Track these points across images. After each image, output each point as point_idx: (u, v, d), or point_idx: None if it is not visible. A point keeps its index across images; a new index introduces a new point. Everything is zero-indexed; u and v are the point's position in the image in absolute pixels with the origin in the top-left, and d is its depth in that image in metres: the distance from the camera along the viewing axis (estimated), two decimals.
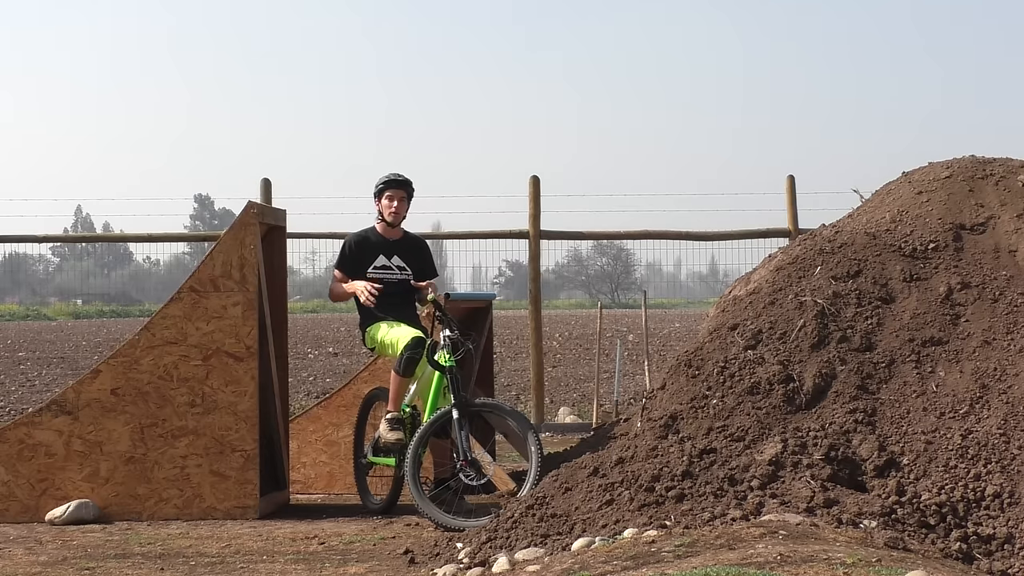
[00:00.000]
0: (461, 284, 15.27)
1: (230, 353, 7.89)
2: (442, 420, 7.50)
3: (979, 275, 7.35)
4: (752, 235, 13.33)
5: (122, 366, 7.92)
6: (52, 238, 14.41)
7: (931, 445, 6.40)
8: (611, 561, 5.10)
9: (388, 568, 6.25)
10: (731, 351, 7.07)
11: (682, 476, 6.23)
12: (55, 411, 7.91)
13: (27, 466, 7.89)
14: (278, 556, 6.64)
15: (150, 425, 7.88)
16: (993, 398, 6.62)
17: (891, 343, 7.00)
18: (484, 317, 9.51)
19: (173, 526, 7.63)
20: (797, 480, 6.16)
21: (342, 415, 8.87)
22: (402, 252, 8.17)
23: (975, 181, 7.95)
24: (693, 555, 5.02)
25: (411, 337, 7.70)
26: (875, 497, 6.07)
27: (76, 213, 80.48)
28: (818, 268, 7.46)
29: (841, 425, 6.54)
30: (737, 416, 6.66)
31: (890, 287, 7.32)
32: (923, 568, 4.75)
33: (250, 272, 7.93)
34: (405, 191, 8.18)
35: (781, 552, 4.90)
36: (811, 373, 6.83)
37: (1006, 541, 5.92)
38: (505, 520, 6.34)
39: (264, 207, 8.50)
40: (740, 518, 5.72)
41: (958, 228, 7.66)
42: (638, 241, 14.18)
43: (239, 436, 7.85)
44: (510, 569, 5.49)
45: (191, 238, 18.52)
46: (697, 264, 16.85)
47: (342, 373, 19.83)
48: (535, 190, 12.85)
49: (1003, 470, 6.21)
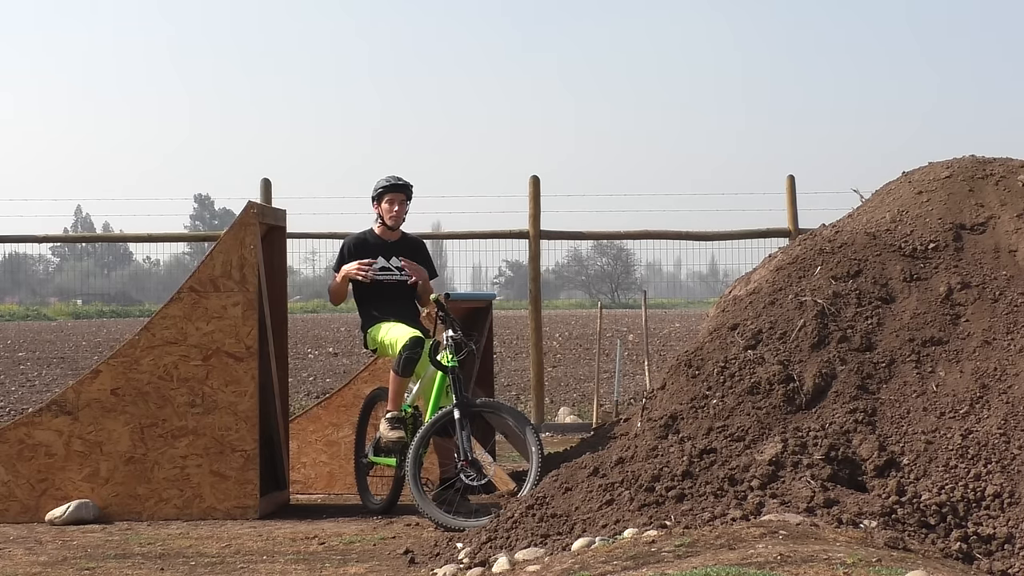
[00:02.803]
0: (461, 284, 15.28)
1: (230, 353, 7.89)
2: (444, 420, 7.50)
3: (979, 275, 7.35)
4: (752, 235, 13.33)
5: (122, 366, 7.92)
6: (52, 238, 14.40)
7: (931, 445, 6.40)
8: (611, 561, 5.11)
9: (388, 568, 6.25)
10: (731, 351, 7.07)
11: (682, 476, 6.23)
12: (55, 411, 7.91)
13: (27, 466, 7.89)
14: (278, 556, 6.64)
15: (150, 425, 7.88)
16: (993, 398, 6.62)
17: (891, 343, 7.00)
18: (484, 317, 9.51)
19: (173, 526, 7.63)
20: (797, 480, 6.16)
21: (342, 415, 8.87)
22: (400, 253, 8.16)
23: (975, 181, 7.95)
24: (693, 555, 5.02)
25: (409, 337, 7.70)
26: (875, 497, 6.07)
27: (76, 213, 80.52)
28: (818, 268, 7.46)
29: (841, 425, 6.54)
30: (737, 416, 6.66)
31: (890, 287, 7.32)
32: (923, 568, 4.75)
33: (250, 272, 7.93)
34: (405, 194, 8.19)
35: (781, 552, 4.90)
36: (811, 373, 6.83)
37: (1006, 541, 5.92)
38: (505, 520, 6.34)
39: (264, 207, 8.50)
40: (740, 518, 5.72)
41: (958, 228, 7.66)
42: (638, 241, 14.19)
43: (239, 436, 7.85)
44: (510, 569, 5.50)
45: (191, 238, 18.52)
46: (697, 264, 16.82)
47: (342, 373, 19.83)
48: (535, 190, 12.85)
49: (1003, 470, 6.21)
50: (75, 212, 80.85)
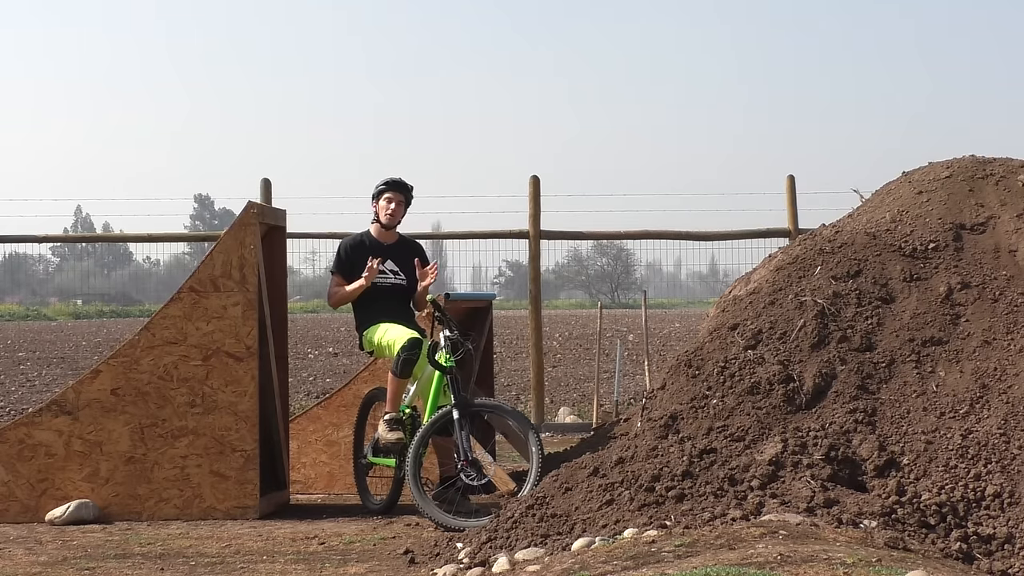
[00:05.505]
0: (461, 284, 15.28)
1: (230, 353, 7.89)
2: (443, 420, 7.50)
3: (979, 275, 7.35)
4: (752, 235, 13.33)
5: (122, 366, 7.92)
6: (52, 238, 14.40)
7: (931, 445, 6.41)
8: (611, 561, 5.11)
9: (388, 568, 6.25)
10: (731, 351, 7.07)
11: (682, 476, 6.23)
12: (55, 411, 7.91)
13: (27, 466, 7.89)
14: (278, 556, 6.64)
15: (150, 425, 7.88)
16: (993, 398, 6.62)
17: (891, 343, 7.01)
18: (484, 317, 9.51)
19: (173, 526, 7.63)
20: (797, 480, 6.16)
21: (342, 415, 8.87)
22: (397, 256, 8.15)
23: (975, 181, 7.95)
24: (693, 555, 5.02)
25: (407, 338, 7.69)
26: (875, 497, 6.07)
27: (76, 213, 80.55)
28: (818, 268, 7.46)
29: (841, 425, 6.54)
30: (737, 416, 6.66)
31: (890, 287, 7.32)
32: (923, 568, 4.75)
33: (250, 272, 7.93)
34: (404, 195, 8.18)
35: (781, 552, 4.90)
36: (811, 373, 6.83)
37: (1006, 541, 5.92)
38: (505, 520, 6.34)
39: (264, 207, 8.50)
40: (740, 518, 5.72)
41: (958, 228, 7.66)
42: (638, 241, 14.20)
43: (239, 436, 7.85)
44: (510, 569, 5.50)
45: (191, 238, 18.52)
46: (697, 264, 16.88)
47: (342, 373, 19.83)
48: (535, 190, 12.85)
49: (1003, 470, 6.21)
50: (75, 212, 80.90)
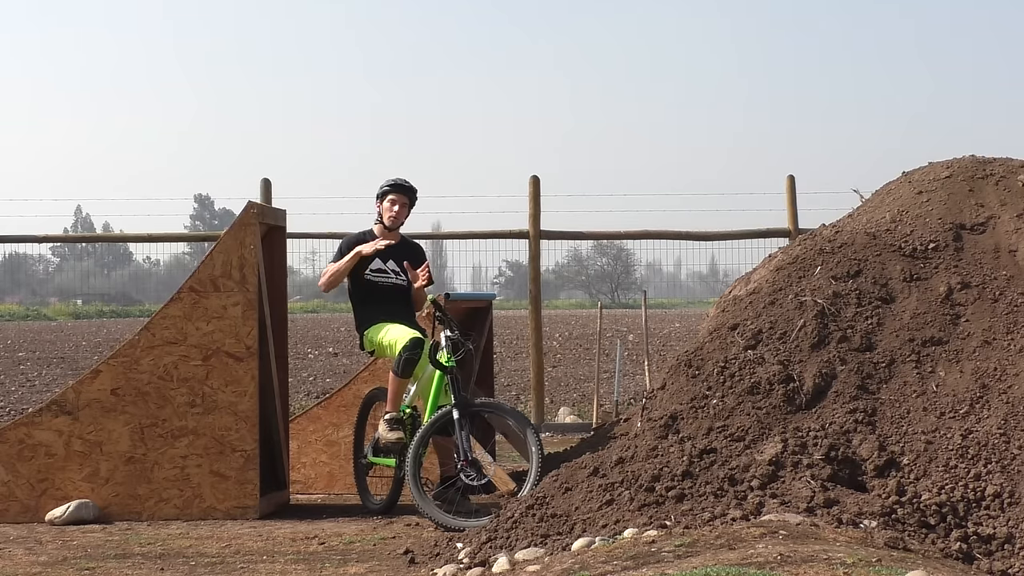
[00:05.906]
0: (461, 284, 15.28)
1: (230, 353, 7.89)
2: (443, 420, 7.50)
3: (979, 275, 7.35)
4: (752, 235, 13.33)
5: (122, 366, 7.92)
6: (52, 238, 14.40)
7: (931, 445, 6.41)
8: (611, 561, 5.11)
9: (388, 568, 6.25)
10: (731, 351, 7.07)
11: (682, 476, 6.23)
12: (55, 411, 7.91)
13: (27, 466, 7.89)
14: (278, 556, 6.64)
15: (150, 425, 7.88)
16: (993, 398, 6.62)
17: (891, 343, 7.01)
18: (484, 317, 9.51)
19: (173, 526, 7.63)
20: (797, 480, 6.16)
21: (342, 415, 8.87)
22: (398, 256, 8.16)
23: (975, 181, 7.95)
24: (693, 555, 5.02)
25: (409, 338, 7.69)
26: (875, 497, 6.07)
27: (76, 213, 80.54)
28: (818, 268, 7.46)
29: (841, 425, 6.54)
30: (737, 416, 6.66)
31: (890, 287, 7.32)
32: (923, 568, 4.75)
33: (250, 272, 7.93)
34: (408, 197, 8.20)
35: (781, 552, 4.90)
36: (811, 373, 6.83)
37: (1006, 541, 5.92)
38: (505, 520, 6.34)
39: (264, 207, 8.50)
40: (740, 518, 5.72)
41: (958, 228, 7.66)
42: (638, 241, 14.20)
43: (239, 436, 7.85)
44: (510, 569, 5.50)
45: (191, 238, 18.52)
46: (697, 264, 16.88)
47: (342, 373, 19.83)
48: (535, 190, 12.85)
49: (1003, 470, 6.21)
50: (75, 212, 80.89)
